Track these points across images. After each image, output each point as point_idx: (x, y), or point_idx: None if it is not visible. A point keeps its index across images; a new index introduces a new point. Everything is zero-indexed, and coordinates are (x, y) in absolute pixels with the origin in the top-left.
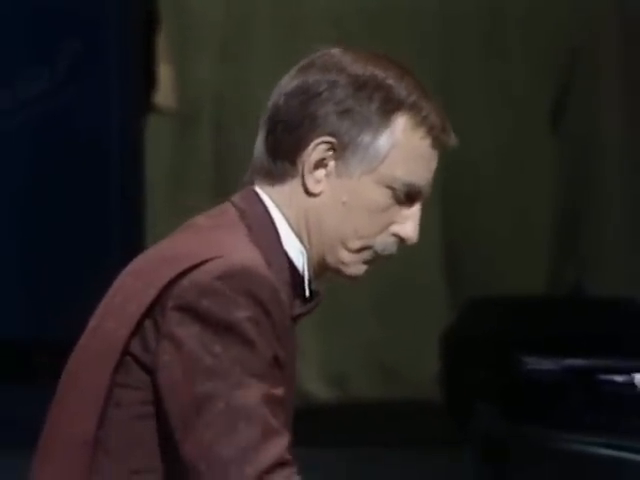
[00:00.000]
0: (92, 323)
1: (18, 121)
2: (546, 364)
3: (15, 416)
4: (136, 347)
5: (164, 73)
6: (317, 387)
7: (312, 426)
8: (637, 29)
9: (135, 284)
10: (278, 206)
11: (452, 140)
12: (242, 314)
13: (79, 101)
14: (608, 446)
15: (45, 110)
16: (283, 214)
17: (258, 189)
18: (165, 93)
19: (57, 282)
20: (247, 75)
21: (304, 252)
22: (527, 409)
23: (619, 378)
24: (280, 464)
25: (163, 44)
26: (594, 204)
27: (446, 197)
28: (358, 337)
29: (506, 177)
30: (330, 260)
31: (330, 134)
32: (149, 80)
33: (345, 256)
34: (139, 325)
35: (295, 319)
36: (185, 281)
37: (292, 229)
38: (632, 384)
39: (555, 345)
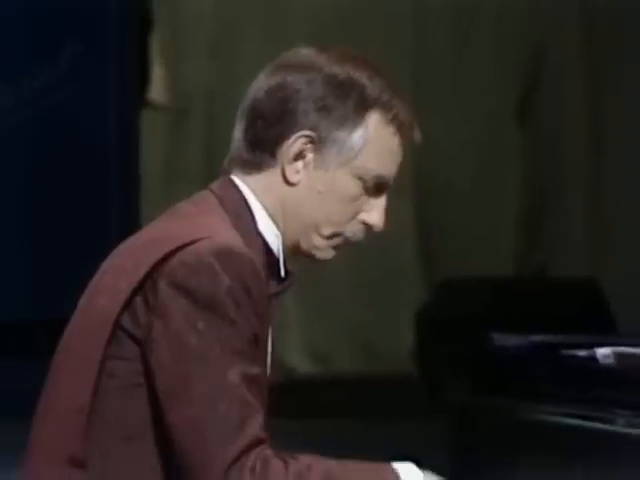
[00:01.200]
0: (83, 302)
1: (21, 115)
2: (514, 340)
3: (19, 388)
4: (127, 321)
5: (158, 70)
6: (301, 363)
7: (296, 399)
8: (599, 26)
9: (125, 264)
10: (255, 193)
11: (418, 137)
12: (226, 292)
13: (79, 97)
14: (571, 415)
15: (47, 105)
16: (260, 200)
17: (235, 177)
18: (159, 89)
19: (58, 266)
20: (236, 72)
21: (279, 235)
22: (496, 382)
23: (581, 353)
24: (257, 442)
25: (157, 43)
26: (558, 192)
27: (421, 186)
28: (339, 316)
29: (477, 167)
30: (303, 245)
31: (309, 129)
32: (144, 77)
33: (318, 241)
34: (130, 301)
35: (271, 297)
36: (174, 260)
37: (268, 214)
38: (594, 358)
39: (522, 322)
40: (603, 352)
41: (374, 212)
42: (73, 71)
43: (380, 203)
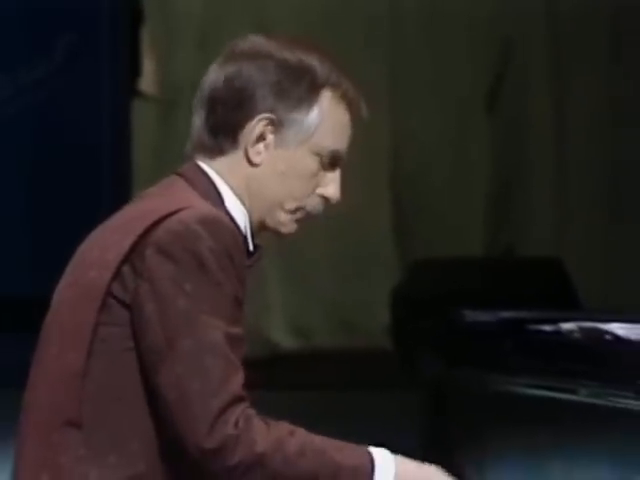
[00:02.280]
0: (68, 278)
1: (19, 104)
2: (483, 316)
3: (18, 359)
4: (117, 289)
5: (148, 62)
6: (283, 337)
7: (278, 371)
8: (563, 23)
9: (111, 238)
10: (221, 175)
11: (365, 112)
12: (211, 257)
13: (73, 87)
14: (537, 386)
15: (43, 94)
16: (226, 182)
17: (200, 162)
18: (149, 80)
19: (54, 247)
20: None
21: (246, 214)
22: (466, 355)
23: (547, 328)
24: (240, 399)
25: (147, 37)
26: (524, 176)
27: (396, 171)
28: (319, 294)
29: (448, 153)
30: (269, 221)
31: (268, 112)
32: (135, 69)
33: (282, 217)
34: (118, 271)
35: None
36: (160, 229)
37: (235, 194)
38: (559, 332)
39: (491, 300)
40: (568, 327)
41: (331, 186)
42: (69, 63)
43: (335, 177)
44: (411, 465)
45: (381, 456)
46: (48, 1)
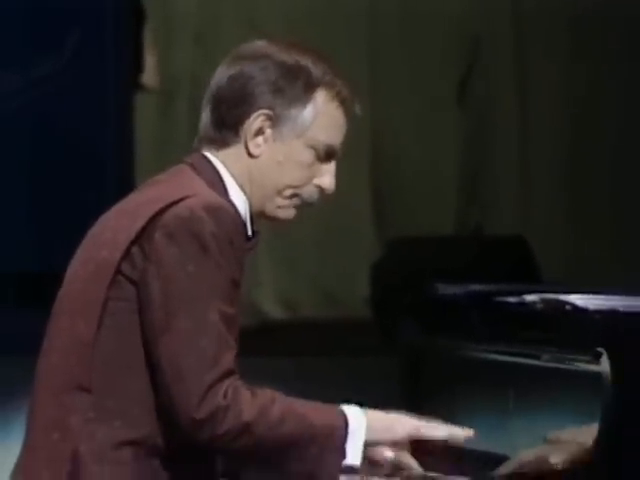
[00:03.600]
0: (81, 256)
1: (31, 96)
2: (454, 289)
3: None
4: (126, 267)
5: (149, 58)
6: (272, 309)
7: (267, 339)
8: (528, 21)
9: (122, 221)
10: (225, 165)
11: (358, 109)
12: (213, 241)
13: (81, 80)
14: (503, 352)
15: (53, 88)
16: (229, 172)
17: (206, 153)
18: (150, 74)
19: (63, 227)
20: (216, 58)
21: (246, 201)
22: (439, 325)
23: (512, 299)
24: (229, 373)
25: (148, 34)
26: (490, 163)
27: (375, 157)
28: (306, 271)
29: (422, 139)
30: (268, 208)
31: (267, 108)
32: (137, 63)
33: (281, 202)
34: (128, 251)
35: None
36: (168, 214)
37: (237, 183)
38: (522, 303)
39: (461, 274)
40: (531, 298)
41: (326, 177)
42: (77, 58)
43: (330, 168)
44: (380, 414)
45: (353, 412)
46: (58, 1)
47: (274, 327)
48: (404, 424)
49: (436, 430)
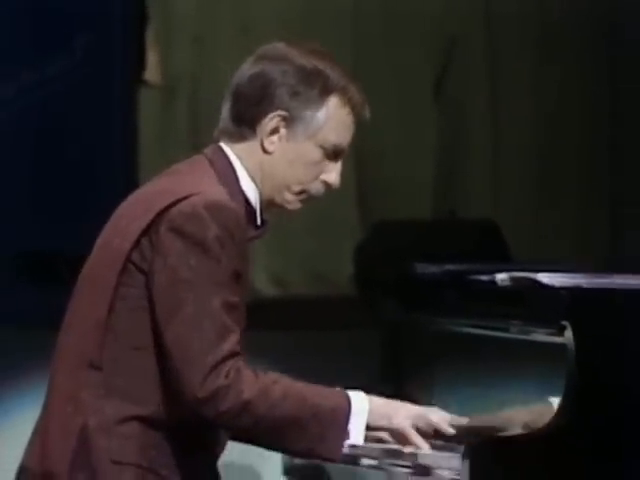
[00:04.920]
0: (101, 240)
1: (44, 93)
2: (431, 268)
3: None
4: (136, 257)
5: (152, 56)
6: (265, 286)
7: (261, 315)
8: (500, 21)
9: (136, 211)
10: (239, 158)
11: (367, 114)
12: (212, 237)
13: (91, 77)
14: (476, 326)
15: (65, 85)
16: (243, 164)
17: (223, 145)
18: (152, 71)
19: (74, 211)
20: (214, 57)
21: (257, 192)
22: (418, 302)
23: (484, 277)
24: (232, 355)
25: (151, 34)
26: (465, 153)
27: (359, 146)
28: (296, 252)
29: (402, 132)
30: (277, 199)
31: (283, 110)
32: (141, 61)
33: (289, 197)
34: (138, 241)
35: (250, 240)
36: (174, 210)
37: (249, 175)
38: (493, 281)
39: (438, 254)
40: (501, 276)
41: (332, 173)
42: (88, 57)
43: (337, 166)
44: (382, 400)
45: (356, 396)
46: (69, 4)
47: (267, 304)
48: (406, 411)
49: (438, 419)
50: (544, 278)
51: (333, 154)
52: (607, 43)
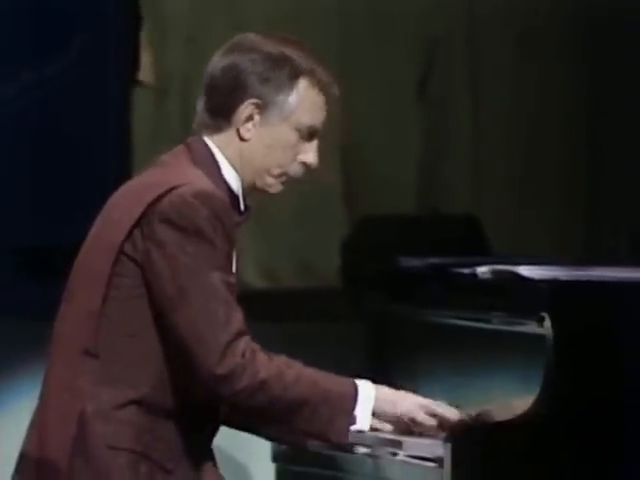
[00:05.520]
0: (94, 231)
1: (44, 90)
2: (415, 262)
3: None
4: (128, 248)
5: (145, 56)
6: (254, 279)
7: (250, 306)
8: (482, 21)
9: (127, 203)
10: (219, 148)
11: (336, 92)
12: (205, 223)
13: (87, 77)
14: (458, 317)
15: (61, 84)
16: (223, 153)
17: (203, 136)
18: (146, 72)
19: (70, 207)
20: (207, 58)
21: (238, 179)
22: (402, 294)
23: (466, 270)
24: (243, 332)
25: (144, 34)
26: (447, 151)
27: (345, 147)
28: (284, 242)
29: (387, 129)
30: (259, 184)
31: (255, 97)
32: (135, 62)
33: (270, 181)
34: (130, 233)
35: (236, 226)
36: (165, 201)
37: (230, 164)
38: (475, 274)
39: (421, 248)
40: (482, 269)
41: (310, 153)
42: (83, 57)
43: (313, 146)
44: (388, 389)
45: (363, 383)
46: (66, 6)
47: (256, 295)
48: (412, 399)
49: (426, 418)
50: (524, 271)
51: (308, 135)
52: (588, 42)
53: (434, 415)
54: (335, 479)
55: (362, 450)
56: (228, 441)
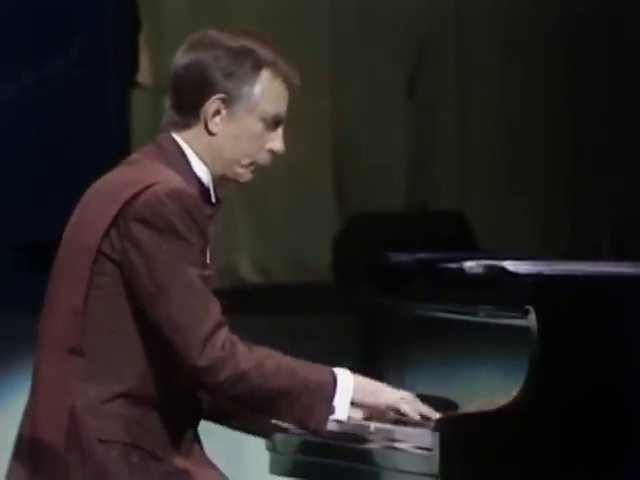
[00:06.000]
0: (71, 229)
1: (44, 90)
2: (403, 257)
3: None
4: (105, 247)
5: (144, 57)
6: (248, 273)
7: (244, 300)
8: (469, 24)
9: (102, 203)
10: (188, 144)
11: (297, 81)
12: (178, 220)
13: (87, 78)
14: (446, 310)
15: (62, 85)
16: (192, 148)
17: (173, 134)
18: (144, 73)
19: (69, 204)
20: None
21: (209, 172)
22: (392, 288)
23: (453, 265)
24: (221, 324)
25: (143, 36)
26: (435, 148)
27: (336, 141)
28: (277, 241)
29: (377, 128)
30: (230, 175)
31: (221, 92)
32: (134, 63)
33: (240, 171)
34: (107, 232)
35: (208, 218)
36: (139, 200)
37: (199, 158)
38: (462, 269)
39: (410, 244)
40: (469, 264)
41: (276, 141)
42: (83, 58)
43: (279, 134)
44: (366, 380)
45: (342, 373)
46: (66, 7)
47: (250, 290)
48: (387, 393)
49: (412, 409)
50: (510, 265)
51: (273, 124)
52: (572, 43)
53: (414, 406)
54: (328, 467)
55: (354, 439)
56: (222, 430)
